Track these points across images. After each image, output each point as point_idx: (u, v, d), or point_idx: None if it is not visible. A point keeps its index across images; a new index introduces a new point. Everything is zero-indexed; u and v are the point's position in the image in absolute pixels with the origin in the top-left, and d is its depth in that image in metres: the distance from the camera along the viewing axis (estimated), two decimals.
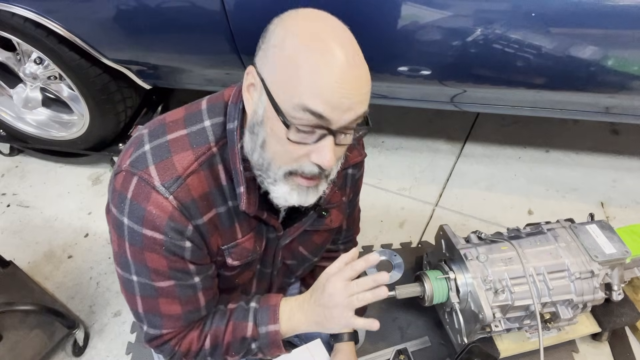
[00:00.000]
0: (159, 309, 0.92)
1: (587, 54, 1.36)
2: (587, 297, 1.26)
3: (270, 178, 0.83)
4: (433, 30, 1.39)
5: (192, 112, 0.90)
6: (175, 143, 0.85)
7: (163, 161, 0.84)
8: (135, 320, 0.98)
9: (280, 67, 0.75)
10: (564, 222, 1.39)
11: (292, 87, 0.74)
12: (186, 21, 1.52)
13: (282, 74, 0.75)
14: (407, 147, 2.18)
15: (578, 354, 1.49)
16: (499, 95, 1.62)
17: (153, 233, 0.83)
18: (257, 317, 0.99)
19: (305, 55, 0.73)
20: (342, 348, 1.30)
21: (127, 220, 0.84)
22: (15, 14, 1.58)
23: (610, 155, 2.10)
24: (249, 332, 0.97)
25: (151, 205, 0.82)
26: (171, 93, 2.38)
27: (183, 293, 0.91)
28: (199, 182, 0.85)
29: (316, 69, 0.72)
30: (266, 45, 0.78)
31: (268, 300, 1.01)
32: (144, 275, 0.88)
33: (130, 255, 0.87)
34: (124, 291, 0.95)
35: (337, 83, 0.73)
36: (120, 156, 0.91)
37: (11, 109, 2.04)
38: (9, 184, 2.10)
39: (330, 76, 0.72)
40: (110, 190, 0.88)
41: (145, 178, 0.82)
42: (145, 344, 0.99)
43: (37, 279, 1.74)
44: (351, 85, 0.74)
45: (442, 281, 1.28)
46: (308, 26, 0.76)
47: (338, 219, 1.12)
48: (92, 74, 1.75)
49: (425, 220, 1.90)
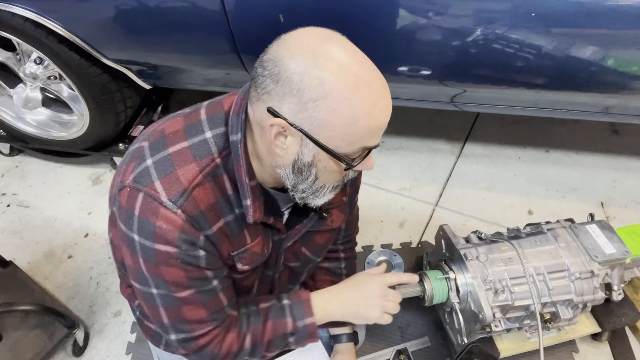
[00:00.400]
0: (185, 316, 0.92)
1: (587, 54, 1.36)
2: (587, 297, 1.26)
3: (318, 197, 0.89)
4: (433, 30, 1.39)
5: (191, 122, 0.89)
6: (177, 156, 0.85)
7: (167, 175, 0.83)
8: (160, 331, 0.99)
9: (329, 120, 0.75)
10: (564, 222, 1.39)
11: (350, 135, 0.77)
12: (186, 21, 1.52)
13: (335, 125, 0.76)
14: (407, 147, 2.18)
15: (578, 354, 1.49)
16: (499, 95, 1.62)
17: (166, 247, 0.83)
18: (293, 313, 1.04)
19: (352, 103, 0.74)
20: (342, 349, 1.31)
21: (138, 236, 0.84)
22: (15, 14, 1.58)
23: (610, 155, 2.10)
24: (289, 328, 1.04)
25: (160, 220, 0.82)
26: (171, 93, 2.38)
27: (205, 298, 0.92)
28: (204, 194, 0.85)
29: (371, 117, 0.77)
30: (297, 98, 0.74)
31: (299, 295, 1.08)
32: (164, 288, 0.89)
33: (146, 270, 0.87)
34: (145, 304, 0.95)
35: (382, 113, 0.78)
36: (121, 170, 0.90)
37: (11, 109, 2.04)
38: (9, 184, 2.10)
39: (380, 113, 0.78)
40: (117, 206, 0.88)
41: (152, 194, 0.82)
42: (179, 351, 0.99)
43: (37, 279, 1.74)
44: (389, 107, 0.80)
45: (442, 281, 1.28)
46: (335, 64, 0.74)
47: (339, 218, 1.13)
48: (92, 74, 1.75)
49: (425, 220, 1.90)
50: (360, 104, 0.74)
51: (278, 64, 0.75)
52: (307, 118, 0.75)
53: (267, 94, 0.76)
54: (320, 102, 0.73)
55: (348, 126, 0.76)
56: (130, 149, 0.94)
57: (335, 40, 0.77)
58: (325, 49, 0.75)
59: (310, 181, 0.85)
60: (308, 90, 0.73)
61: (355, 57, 0.76)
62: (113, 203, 0.91)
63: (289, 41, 0.77)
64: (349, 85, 0.73)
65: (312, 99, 0.73)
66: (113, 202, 0.91)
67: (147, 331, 1.23)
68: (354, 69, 0.74)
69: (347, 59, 0.75)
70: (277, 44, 0.77)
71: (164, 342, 1.20)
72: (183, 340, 0.96)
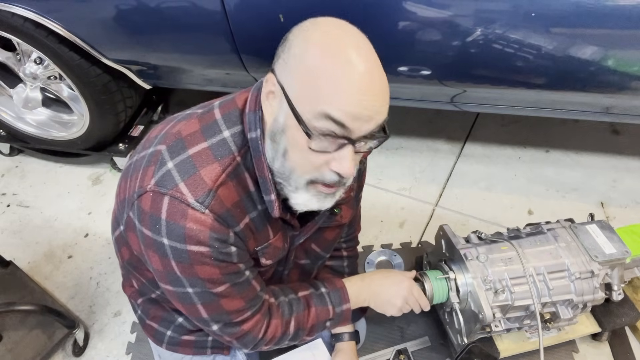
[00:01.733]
0: (223, 308, 0.95)
1: (587, 54, 1.36)
2: (587, 297, 1.26)
3: (292, 186, 0.85)
4: (433, 30, 1.39)
5: (207, 123, 0.90)
6: (198, 157, 0.85)
7: (191, 177, 0.84)
8: (201, 325, 1.01)
9: (301, 76, 0.76)
10: (564, 222, 1.38)
11: (314, 97, 0.74)
12: (186, 21, 1.52)
13: (304, 83, 0.76)
14: (407, 147, 2.18)
15: (578, 354, 1.49)
16: (499, 95, 1.62)
17: (199, 247, 0.84)
18: (332, 300, 1.14)
19: (327, 66, 0.74)
20: (343, 347, 1.31)
21: (167, 240, 0.84)
22: (15, 14, 1.58)
23: (610, 155, 2.10)
24: (330, 314, 1.13)
25: (190, 222, 0.82)
26: (171, 93, 2.38)
27: (240, 289, 0.94)
28: (228, 192, 0.86)
29: (338, 79, 0.73)
30: (287, 54, 0.78)
31: (334, 283, 1.17)
32: (200, 286, 0.90)
33: (179, 272, 0.88)
34: (179, 304, 0.96)
35: (358, 94, 0.74)
36: (137, 175, 0.90)
37: (11, 109, 2.04)
38: (9, 184, 2.10)
39: (352, 87, 0.73)
40: (137, 211, 0.87)
41: (178, 196, 0.82)
42: (224, 338, 1.02)
43: (37, 279, 1.74)
44: (371, 96, 0.75)
45: (442, 281, 1.28)
46: (329, 36, 0.77)
47: (348, 214, 1.16)
48: (92, 74, 1.75)
49: (425, 220, 1.90)
50: (333, 66, 0.74)
51: (289, 36, 0.80)
52: (287, 73, 0.78)
53: (275, 62, 0.81)
54: (298, 58, 0.76)
55: (313, 83, 0.75)
56: (144, 153, 0.93)
57: (343, 24, 0.80)
58: (328, 21, 0.79)
59: (281, 154, 0.82)
60: (295, 47, 0.77)
61: (354, 36, 0.78)
62: (130, 208, 0.91)
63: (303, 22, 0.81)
64: (331, 48, 0.75)
65: (294, 54, 0.77)
66: (130, 207, 0.91)
67: (148, 330, 1.23)
68: (344, 40, 0.77)
69: (343, 32, 0.78)
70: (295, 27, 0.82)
71: (166, 340, 1.21)
72: (225, 327, 0.98)
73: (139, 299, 1.20)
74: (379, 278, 1.23)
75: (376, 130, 0.79)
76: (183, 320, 1.18)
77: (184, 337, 1.20)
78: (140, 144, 1.00)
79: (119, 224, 1.03)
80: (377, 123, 0.78)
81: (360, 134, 0.77)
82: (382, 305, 1.22)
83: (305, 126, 0.76)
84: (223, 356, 1.23)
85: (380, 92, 0.77)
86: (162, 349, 1.22)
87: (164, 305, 1.17)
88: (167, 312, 1.18)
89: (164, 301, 1.15)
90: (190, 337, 1.20)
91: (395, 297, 1.20)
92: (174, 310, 1.17)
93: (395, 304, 1.21)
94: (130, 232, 0.94)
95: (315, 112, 0.75)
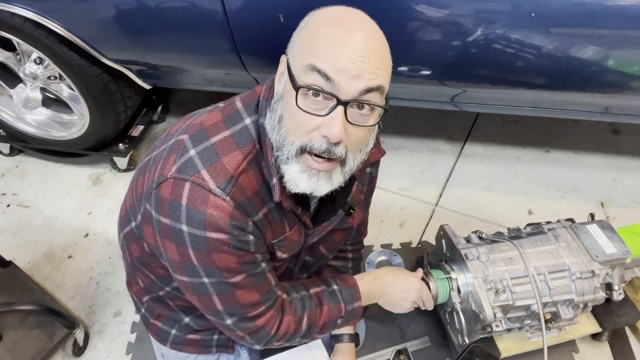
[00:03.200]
0: (239, 300, 0.94)
1: (587, 54, 1.36)
2: (587, 297, 1.26)
3: (284, 155, 0.84)
4: (433, 30, 1.39)
5: (229, 113, 0.91)
6: (221, 145, 0.86)
7: (213, 164, 0.84)
8: (213, 319, 1.00)
9: (300, 41, 0.81)
10: (565, 222, 1.39)
11: (306, 52, 0.78)
12: (186, 21, 1.52)
13: (300, 45, 0.80)
14: (407, 147, 2.18)
15: (578, 354, 1.49)
16: (499, 95, 1.62)
17: (218, 234, 0.84)
18: (344, 297, 1.12)
19: (323, 28, 0.78)
20: (342, 349, 1.31)
21: (187, 227, 0.84)
22: (15, 14, 1.58)
23: (610, 155, 2.10)
24: (342, 312, 1.12)
25: (211, 208, 0.82)
26: (171, 93, 2.38)
27: (256, 280, 0.94)
28: (249, 180, 0.86)
29: (330, 36, 0.77)
30: (295, 32, 0.84)
31: (346, 281, 1.17)
32: (216, 276, 0.89)
33: (196, 261, 0.87)
34: (194, 296, 0.95)
35: (346, 48, 0.75)
36: (157, 165, 0.90)
37: (11, 109, 2.04)
38: (9, 184, 2.10)
39: (342, 42, 0.76)
40: (155, 200, 0.87)
41: (199, 182, 0.83)
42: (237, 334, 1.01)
43: (37, 279, 1.73)
44: (362, 53, 0.75)
45: (445, 281, 1.28)
46: (333, 11, 0.81)
47: (359, 216, 1.16)
48: (92, 74, 1.75)
49: (425, 220, 1.90)
50: (326, 28, 0.78)
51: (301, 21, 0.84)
52: (291, 46, 0.83)
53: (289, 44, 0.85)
54: (301, 29, 0.82)
55: (306, 42, 0.80)
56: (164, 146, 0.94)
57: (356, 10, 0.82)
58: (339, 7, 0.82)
59: (277, 121, 0.83)
60: (301, 23, 0.83)
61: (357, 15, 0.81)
62: (147, 199, 0.90)
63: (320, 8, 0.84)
64: (327, 18, 0.80)
65: (299, 29, 0.83)
66: (147, 199, 0.90)
67: (152, 329, 1.23)
68: (346, 13, 0.80)
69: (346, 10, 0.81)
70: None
71: (170, 339, 1.21)
72: (239, 321, 0.97)
73: (145, 297, 1.20)
74: (391, 277, 1.23)
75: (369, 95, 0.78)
76: (189, 320, 1.18)
77: (189, 336, 1.20)
78: (160, 139, 1.00)
79: (130, 221, 1.03)
80: (367, 84, 0.77)
81: (349, 92, 0.76)
82: (392, 305, 1.23)
83: (294, 81, 0.78)
84: (228, 355, 1.23)
85: (373, 52, 0.77)
86: (166, 347, 1.22)
87: (170, 303, 1.17)
88: (173, 311, 1.18)
89: (170, 299, 1.15)
90: (196, 336, 1.20)
91: (406, 299, 1.22)
92: (180, 309, 1.17)
93: (405, 305, 1.23)
94: (146, 225, 0.94)
95: (303, 66, 0.77)
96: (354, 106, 0.78)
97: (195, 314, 1.18)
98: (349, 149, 0.82)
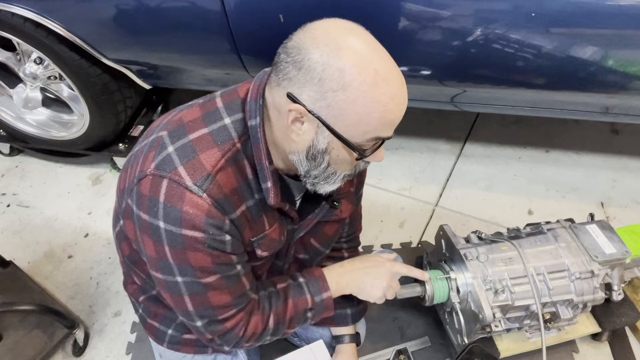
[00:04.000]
0: (210, 302, 0.94)
1: (587, 54, 1.36)
2: (587, 297, 1.26)
3: (329, 184, 0.91)
4: (433, 30, 1.39)
5: (209, 110, 0.91)
6: (199, 142, 0.86)
7: (190, 161, 0.84)
8: (184, 320, 1.00)
9: (346, 110, 0.78)
10: (564, 222, 1.39)
11: (365, 125, 0.80)
12: (186, 21, 1.52)
13: (351, 115, 0.79)
14: (407, 147, 2.18)
15: (578, 354, 1.49)
16: (499, 95, 1.62)
17: (193, 232, 0.84)
18: (310, 289, 1.09)
19: (372, 98, 0.77)
20: (344, 349, 1.31)
21: (163, 223, 0.84)
22: (15, 14, 1.58)
23: (610, 155, 2.10)
24: (309, 304, 1.09)
25: (187, 205, 0.82)
26: (171, 93, 2.38)
27: (230, 282, 0.94)
28: (227, 178, 0.86)
29: (386, 108, 0.79)
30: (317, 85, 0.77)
31: (312, 272, 1.13)
32: (189, 275, 0.89)
33: (171, 258, 0.87)
34: (167, 294, 0.95)
35: (398, 108, 0.81)
36: (139, 161, 0.90)
37: (11, 109, 2.04)
38: (9, 184, 2.10)
39: (395, 107, 0.80)
40: (135, 196, 0.88)
41: (176, 179, 0.83)
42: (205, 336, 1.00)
43: (37, 279, 1.74)
44: (405, 103, 0.82)
45: (443, 281, 1.28)
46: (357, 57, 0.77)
47: (347, 208, 1.16)
48: (92, 74, 1.75)
49: (425, 220, 1.90)
50: (377, 98, 0.77)
51: (302, 52, 0.77)
52: (325, 107, 0.78)
53: (288, 80, 0.79)
54: (340, 93, 0.77)
55: (363, 117, 0.79)
56: (145, 142, 0.94)
57: (360, 34, 0.80)
58: (350, 41, 0.77)
59: (322, 168, 0.87)
60: (329, 80, 0.76)
61: (377, 52, 0.80)
62: (129, 195, 0.91)
63: (314, 31, 0.79)
64: (369, 79, 0.76)
65: (332, 89, 0.76)
66: (129, 194, 0.91)
67: (150, 329, 1.23)
68: (375, 63, 0.77)
69: (369, 53, 0.78)
70: (302, 32, 0.80)
71: (167, 339, 1.21)
72: (208, 324, 0.97)
73: (141, 296, 1.20)
74: (359, 262, 1.18)
75: None
76: None
77: (185, 336, 1.20)
78: (143, 135, 1.00)
79: (119, 218, 1.03)
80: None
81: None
82: (366, 289, 1.15)
83: (359, 151, 0.83)
84: (224, 355, 1.23)
85: (404, 89, 0.83)
86: (164, 348, 1.22)
87: (165, 302, 1.17)
88: (168, 309, 1.18)
89: (164, 298, 1.15)
90: (192, 336, 1.20)
91: (378, 281, 1.15)
92: None
93: (379, 288, 1.14)
94: (127, 220, 0.94)
95: (367, 138, 0.82)
96: None
97: None
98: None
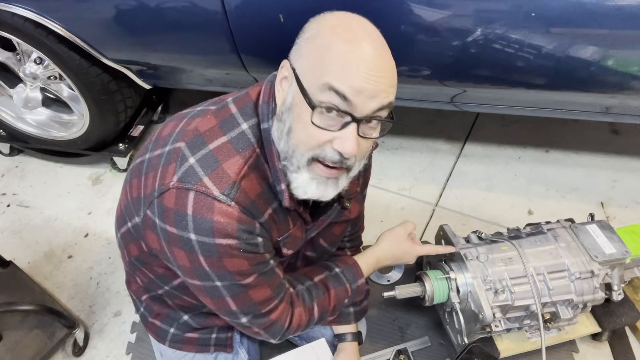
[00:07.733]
0: (252, 299, 0.95)
1: (588, 54, 1.35)
2: (587, 297, 1.26)
3: (294, 165, 0.86)
4: (433, 31, 1.39)
5: (224, 118, 0.91)
6: (219, 150, 0.86)
7: (215, 170, 0.84)
8: (227, 318, 1.01)
9: (311, 54, 0.80)
10: (564, 222, 1.39)
11: (320, 70, 0.77)
12: (186, 21, 1.52)
13: (312, 59, 0.79)
14: (407, 147, 2.18)
15: (578, 354, 1.49)
16: (499, 95, 1.62)
17: (227, 240, 0.84)
18: (347, 278, 1.16)
19: (335, 42, 0.77)
20: (346, 347, 1.31)
21: (195, 235, 0.84)
22: (15, 14, 1.58)
23: (610, 155, 2.10)
24: (349, 292, 1.16)
25: (217, 215, 0.83)
26: (171, 93, 2.38)
27: (267, 277, 0.95)
28: (251, 184, 0.87)
29: (344, 54, 0.77)
30: (300, 39, 0.83)
31: (346, 261, 1.20)
32: (228, 279, 0.90)
33: (208, 267, 0.88)
34: (206, 298, 0.96)
35: (363, 69, 0.76)
36: (156, 173, 0.90)
37: (11, 109, 2.04)
38: (9, 184, 2.10)
39: (358, 62, 0.76)
40: (158, 209, 0.87)
41: (203, 190, 0.83)
42: (252, 330, 1.02)
43: (37, 279, 1.74)
44: (377, 73, 0.77)
45: (443, 281, 1.28)
46: (340, 22, 0.81)
47: (355, 209, 1.18)
48: (92, 74, 1.75)
49: (425, 220, 1.90)
50: (341, 47, 0.78)
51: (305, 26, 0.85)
52: (298, 55, 0.82)
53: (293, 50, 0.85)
54: (310, 40, 0.81)
55: (319, 59, 0.79)
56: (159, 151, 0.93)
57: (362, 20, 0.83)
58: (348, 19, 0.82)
59: (285, 133, 0.84)
60: (308, 31, 0.83)
61: (371, 34, 0.81)
62: (147, 206, 0.91)
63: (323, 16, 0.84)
64: (342, 35, 0.78)
65: (305, 37, 0.82)
66: (148, 206, 0.90)
67: (151, 328, 1.23)
68: (359, 34, 0.79)
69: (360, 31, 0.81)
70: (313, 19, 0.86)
71: (169, 338, 1.21)
72: (254, 318, 0.98)
73: (144, 295, 1.20)
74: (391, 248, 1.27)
75: (381, 113, 0.81)
76: (188, 318, 1.19)
77: (188, 335, 1.20)
78: (151, 141, 1.00)
79: (126, 221, 1.03)
80: (381, 103, 0.79)
81: (363, 111, 0.79)
82: (398, 260, 1.29)
83: (310, 99, 0.78)
84: (226, 354, 1.23)
85: (386, 71, 0.79)
86: (165, 346, 1.22)
87: (168, 302, 1.17)
88: (172, 309, 1.18)
89: (169, 298, 1.15)
90: (194, 335, 1.20)
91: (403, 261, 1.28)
92: (179, 307, 1.18)
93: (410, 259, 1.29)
94: (149, 230, 0.94)
95: (319, 84, 0.77)
96: (365, 120, 0.80)
97: (194, 312, 1.18)
98: (357, 158, 0.85)
